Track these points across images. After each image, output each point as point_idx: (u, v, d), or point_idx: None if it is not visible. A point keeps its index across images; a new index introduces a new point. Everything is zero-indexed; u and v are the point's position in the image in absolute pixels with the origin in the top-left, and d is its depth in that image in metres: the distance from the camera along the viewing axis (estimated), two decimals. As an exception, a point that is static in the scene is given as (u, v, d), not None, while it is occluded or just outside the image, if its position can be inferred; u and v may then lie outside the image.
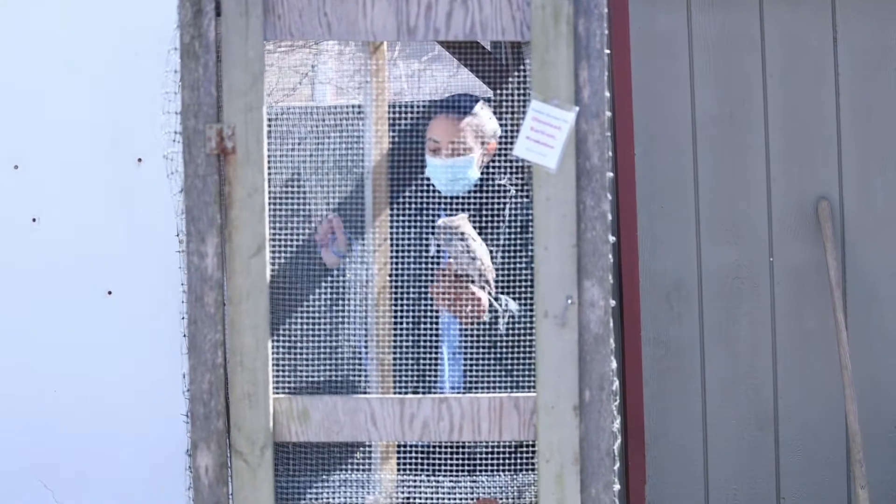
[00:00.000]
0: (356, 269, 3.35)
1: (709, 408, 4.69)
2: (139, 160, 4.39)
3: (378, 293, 3.34)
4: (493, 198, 3.44)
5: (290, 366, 3.14)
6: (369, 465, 3.33)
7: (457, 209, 3.42)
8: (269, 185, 2.93)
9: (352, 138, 3.31)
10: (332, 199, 3.32)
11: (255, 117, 2.91)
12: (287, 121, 3.26)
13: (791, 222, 4.67)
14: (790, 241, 4.68)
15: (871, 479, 4.63)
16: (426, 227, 3.40)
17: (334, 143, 3.29)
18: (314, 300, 3.24)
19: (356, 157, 3.32)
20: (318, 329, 3.21)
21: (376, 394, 3.29)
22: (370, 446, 3.33)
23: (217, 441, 2.94)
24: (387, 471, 3.32)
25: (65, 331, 4.40)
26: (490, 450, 3.27)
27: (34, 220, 4.42)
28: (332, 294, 3.31)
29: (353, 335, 3.32)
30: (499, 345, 3.33)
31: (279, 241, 3.10)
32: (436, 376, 3.37)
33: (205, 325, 2.93)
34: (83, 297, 4.40)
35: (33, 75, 4.40)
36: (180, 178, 3.00)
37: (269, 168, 2.95)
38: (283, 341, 3.14)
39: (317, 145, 3.28)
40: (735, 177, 4.67)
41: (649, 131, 4.66)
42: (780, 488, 4.71)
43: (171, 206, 3.20)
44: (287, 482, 3.21)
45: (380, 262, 3.35)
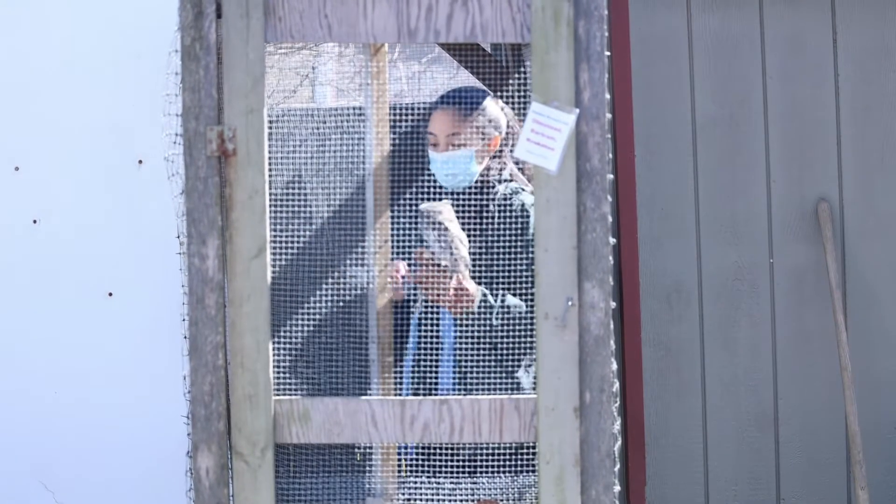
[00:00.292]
0: (357, 270, 3.34)
1: (709, 409, 4.69)
2: (140, 162, 4.39)
3: (379, 294, 3.34)
4: (486, 194, 3.43)
5: (291, 367, 3.14)
6: (370, 466, 3.33)
7: (457, 208, 3.40)
8: (269, 187, 2.93)
9: (353, 140, 3.31)
10: (333, 200, 3.32)
11: (255, 119, 2.91)
12: (288, 123, 3.26)
13: (791, 223, 4.67)
14: (790, 243, 4.68)
15: (872, 481, 4.63)
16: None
17: (335, 145, 3.29)
18: (316, 302, 3.24)
19: (357, 158, 3.32)
20: (320, 330, 3.21)
21: (377, 394, 3.29)
22: (371, 448, 3.33)
23: (218, 442, 2.94)
24: (387, 472, 3.32)
25: (65, 332, 4.40)
26: (491, 451, 3.27)
27: (35, 221, 4.42)
28: (333, 296, 3.30)
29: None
30: (490, 338, 3.30)
31: (280, 242, 3.10)
32: (437, 377, 3.36)
33: (206, 327, 2.93)
34: (84, 299, 4.40)
35: (34, 77, 4.41)
36: (181, 180, 3.00)
37: (269, 170, 2.95)
38: (284, 343, 3.14)
39: (318, 147, 3.28)
40: (735, 178, 4.67)
41: (649, 133, 4.66)
42: (780, 489, 4.71)
43: (172, 208, 3.21)
44: (288, 483, 3.21)
45: (380, 264, 3.35)
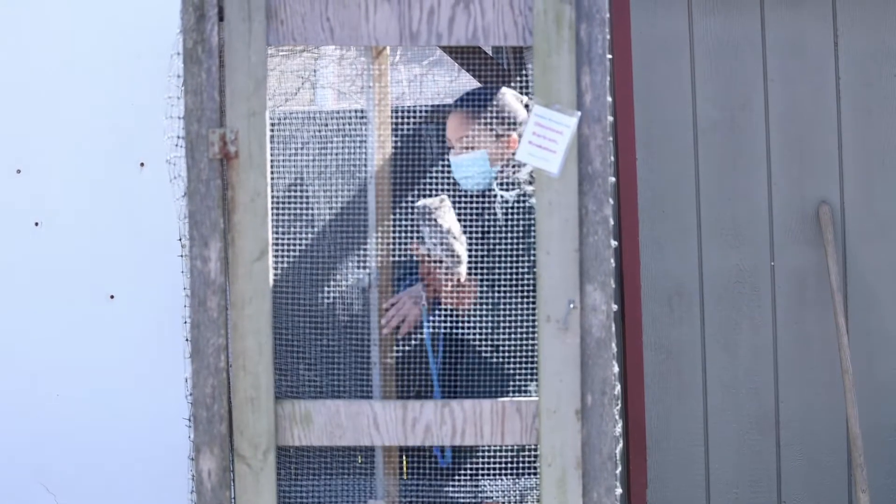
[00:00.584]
0: (359, 273, 3.34)
1: (710, 412, 4.69)
2: (142, 165, 4.39)
3: (380, 295, 3.34)
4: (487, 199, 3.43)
5: (292, 369, 3.14)
6: (371, 468, 3.33)
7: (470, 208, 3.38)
8: (271, 190, 2.93)
9: (354, 143, 3.31)
10: (335, 203, 3.32)
11: (257, 122, 2.91)
12: (290, 125, 3.26)
13: (792, 226, 4.67)
14: (791, 245, 4.68)
15: (873, 483, 4.63)
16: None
17: (337, 148, 3.29)
18: (317, 304, 3.24)
19: (359, 161, 3.32)
20: (321, 332, 3.21)
21: (378, 396, 3.29)
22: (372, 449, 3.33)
23: (220, 445, 2.94)
24: (389, 475, 3.32)
25: (67, 335, 4.40)
26: (492, 454, 3.27)
27: (36, 224, 4.42)
28: (335, 298, 3.30)
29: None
30: (483, 335, 3.30)
31: (282, 245, 3.10)
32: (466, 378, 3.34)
33: (208, 330, 2.94)
34: (85, 302, 4.40)
35: (36, 80, 4.41)
36: (183, 182, 3.00)
37: (271, 172, 2.96)
38: (286, 345, 3.14)
39: (320, 150, 3.28)
40: (736, 181, 4.68)
41: (651, 135, 4.66)
42: (782, 492, 4.71)
43: (174, 211, 3.21)
44: (289, 486, 3.21)
45: (382, 266, 3.35)
